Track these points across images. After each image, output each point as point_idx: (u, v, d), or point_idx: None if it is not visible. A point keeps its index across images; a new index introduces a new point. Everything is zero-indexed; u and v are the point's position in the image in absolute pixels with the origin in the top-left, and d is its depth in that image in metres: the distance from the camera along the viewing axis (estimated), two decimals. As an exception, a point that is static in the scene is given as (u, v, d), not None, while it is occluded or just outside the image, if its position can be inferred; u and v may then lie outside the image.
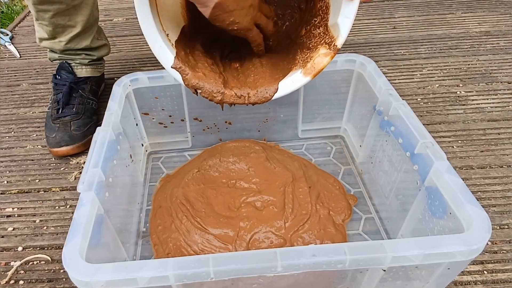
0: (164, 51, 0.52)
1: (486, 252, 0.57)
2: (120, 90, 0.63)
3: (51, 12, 0.75)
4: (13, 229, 0.64)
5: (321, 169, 0.70)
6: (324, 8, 0.54)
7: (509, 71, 0.94)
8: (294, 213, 0.58)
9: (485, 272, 0.55)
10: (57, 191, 0.70)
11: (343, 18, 0.49)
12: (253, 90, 0.54)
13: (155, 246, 0.58)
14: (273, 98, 0.54)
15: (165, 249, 0.57)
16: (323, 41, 0.53)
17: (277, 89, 0.54)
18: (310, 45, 0.55)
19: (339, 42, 0.51)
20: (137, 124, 0.70)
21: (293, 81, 0.53)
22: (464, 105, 0.85)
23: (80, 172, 0.73)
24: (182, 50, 0.54)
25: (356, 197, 0.64)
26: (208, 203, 0.61)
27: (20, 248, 0.61)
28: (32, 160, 0.77)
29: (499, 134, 0.77)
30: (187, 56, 0.55)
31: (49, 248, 0.61)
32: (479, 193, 0.65)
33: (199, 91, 0.53)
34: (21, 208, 0.68)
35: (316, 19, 0.55)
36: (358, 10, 0.49)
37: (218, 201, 0.61)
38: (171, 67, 0.53)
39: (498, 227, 0.60)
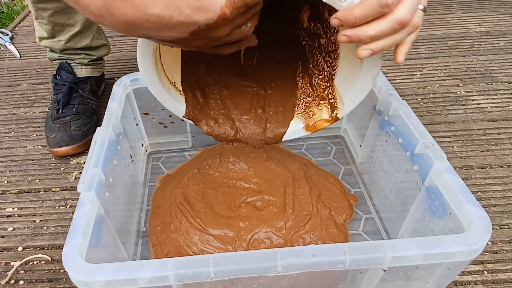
0: (174, 106, 0.55)
1: (486, 252, 0.57)
2: (120, 90, 0.63)
3: (50, 11, 0.75)
4: (13, 229, 0.64)
5: (322, 169, 0.70)
6: (331, 44, 0.53)
7: (509, 71, 0.94)
8: (294, 213, 0.58)
9: (485, 272, 0.55)
10: (57, 191, 0.70)
11: (349, 101, 0.51)
12: (260, 137, 0.58)
13: (153, 246, 0.58)
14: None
15: (164, 250, 0.56)
16: (326, 93, 0.54)
17: (280, 140, 0.58)
18: (314, 90, 0.56)
19: (340, 115, 0.53)
20: (137, 124, 0.70)
21: (295, 133, 0.58)
22: (464, 105, 0.85)
23: (80, 172, 0.73)
24: (189, 90, 0.56)
25: (356, 197, 0.64)
26: (208, 203, 0.61)
27: (20, 248, 0.61)
28: (32, 160, 0.77)
29: (499, 134, 0.77)
30: (194, 96, 0.57)
31: (49, 248, 0.61)
32: (479, 193, 0.65)
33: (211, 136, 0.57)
34: (21, 208, 0.67)
35: (326, 44, 0.54)
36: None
37: (218, 201, 0.61)
38: (183, 117, 0.56)
39: (498, 227, 0.60)
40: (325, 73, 0.55)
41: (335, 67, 0.53)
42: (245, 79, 0.61)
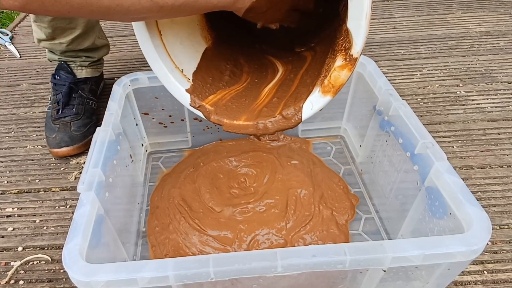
0: (179, 91, 0.53)
1: (486, 252, 0.57)
2: (120, 90, 0.63)
3: (50, 16, 0.75)
4: (13, 229, 0.64)
5: (328, 167, 0.69)
6: None
7: (509, 71, 0.94)
8: (296, 214, 0.58)
9: (485, 272, 0.55)
10: (57, 191, 0.70)
11: (353, 22, 0.42)
12: (274, 118, 0.51)
13: (152, 247, 0.58)
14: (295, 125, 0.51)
15: (163, 251, 0.56)
16: (344, 45, 0.45)
17: (300, 118, 0.49)
18: (335, 48, 0.48)
19: (355, 51, 0.44)
20: (137, 124, 0.70)
21: (313, 105, 0.48)
22: (464, 105, 0.85)
23: (80, 172, 0.73)
24: (200, 82, 0.55)
25: (358, 197, 0.64)
26: (206, 203, 0.61)
27: (20, 248, 0.61)
28: (32, 160, 0.77)
29: (499, 134, 0.77)
30: (205, 88, 0.55)
31: (49, 248, 0.61)
32: (479, 193, 0.65)
33: (221, 125, 0.54)
34: (21, 208, 0.67)
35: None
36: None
37: (217, 201, 0.61)
38: (190, 106, 0.54)
39: (498, 227, 0.60)
40: (344, 32, 0.46)
41: (347, 14, 0.44)
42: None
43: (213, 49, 0.60)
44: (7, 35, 1.21)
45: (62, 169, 0.75)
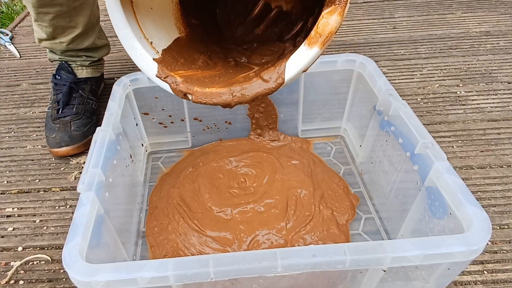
0: (144, 59, 0.48)
1: (486, 252, 0.57)
2: (120, 90, 0.63)
3: (51, 15, 0.74)
4: (13, 229, 0.64)
5: (329, 167, 0.70)
6: None
7: (509, 71, 0.94)
8: (296, 214, 0.58)
9: (485, 272, 0.55)
10: (57, 191, 0.70)
11: None
12: (252, 81, 0.45)
13: (151, 247, 0.58)
14: (275, 89, 0.44)
15: (161, 251, 0.56)
16: (329, 2, 0.39)
17: (282, 79, 0.42)
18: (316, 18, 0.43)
19: None
20: (137, 124, 0.70)
21: (298, 61, 0.41)
22: (464, 105, 0.85)
23: (80, 172, 0.73)
24: (171, 58, 0.50)
25: (358, 197, 0.64)
26: (205, 204, 0.61)
27: (20, 248, 0.61)
28: (32, 160, 0.77)
29: (499, 134, 0.77)
30: (176, 64, 0.50)
31: (49, 248, 0.61)
32: (479, 193, 0.65)
33: (190, 96, 0.48)
34: (21, 208, 0.67)
35: None
36: (357, 10, 0.42)
37: (216, 202, 0.61)
38: (156, 76, 0.48)
39: (498, 227, 0.60)
40: None
41: None
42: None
43: (187, 40, 0.56)
44: (7, 35, 1.22)
45: (62, 169, 0.75)
